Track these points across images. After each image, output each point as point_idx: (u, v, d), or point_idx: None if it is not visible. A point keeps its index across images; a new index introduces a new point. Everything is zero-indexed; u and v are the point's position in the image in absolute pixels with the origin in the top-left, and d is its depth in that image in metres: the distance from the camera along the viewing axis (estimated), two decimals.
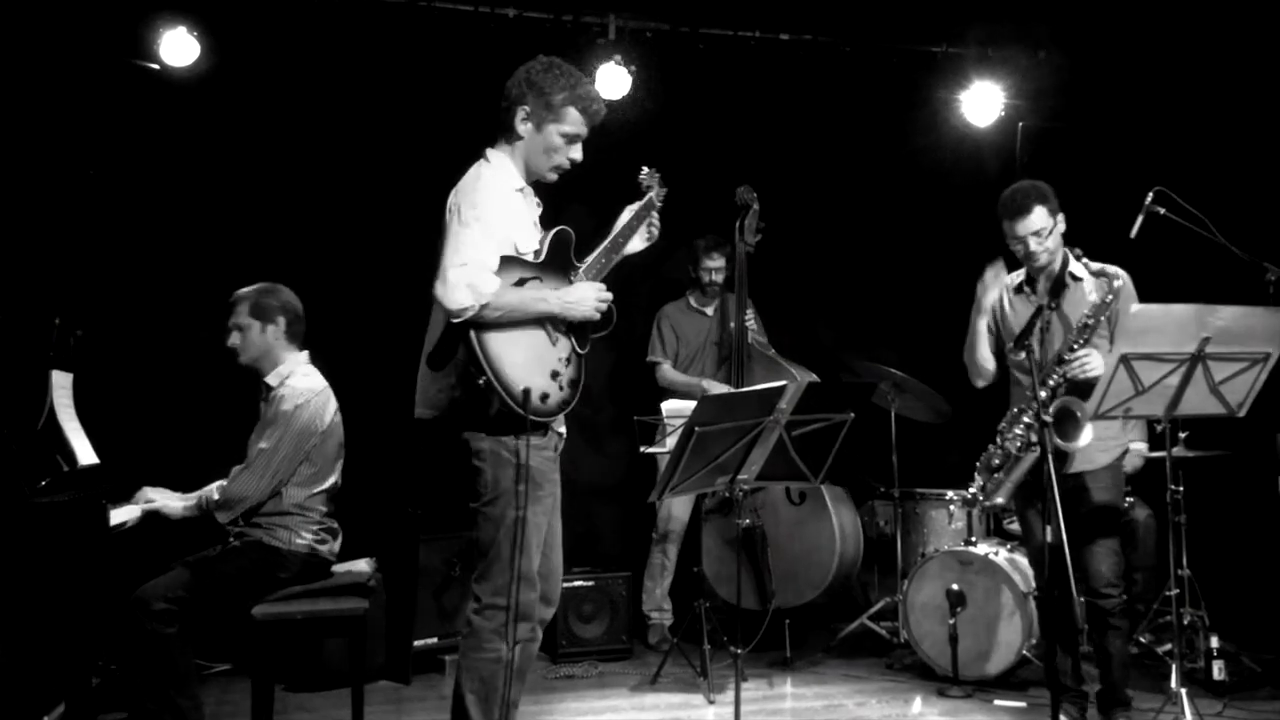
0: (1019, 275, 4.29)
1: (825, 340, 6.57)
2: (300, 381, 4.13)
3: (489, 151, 3.48)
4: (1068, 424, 3.91)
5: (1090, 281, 4.12)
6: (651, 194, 3.76)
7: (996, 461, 4.18)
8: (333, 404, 4.17)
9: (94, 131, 5.36)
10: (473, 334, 3.21)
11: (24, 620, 3.78)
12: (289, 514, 4.03)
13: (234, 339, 4.17)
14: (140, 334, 5.52)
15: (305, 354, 4.22)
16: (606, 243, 3.60)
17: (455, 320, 3.20)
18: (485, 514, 3.34)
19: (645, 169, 3.83)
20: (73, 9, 5.33)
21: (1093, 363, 3.97)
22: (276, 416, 4.05)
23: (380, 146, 5.86)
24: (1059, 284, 4.16)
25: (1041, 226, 4.09)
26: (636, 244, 3.72)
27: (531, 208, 3.52)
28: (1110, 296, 4.03)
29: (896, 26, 6.17)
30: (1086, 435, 3.89)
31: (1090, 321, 4.03)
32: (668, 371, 5.85)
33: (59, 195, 5.28)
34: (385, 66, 5.78)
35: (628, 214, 3.69)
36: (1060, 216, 4.15)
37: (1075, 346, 4.03)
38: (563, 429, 3.52)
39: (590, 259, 3.54)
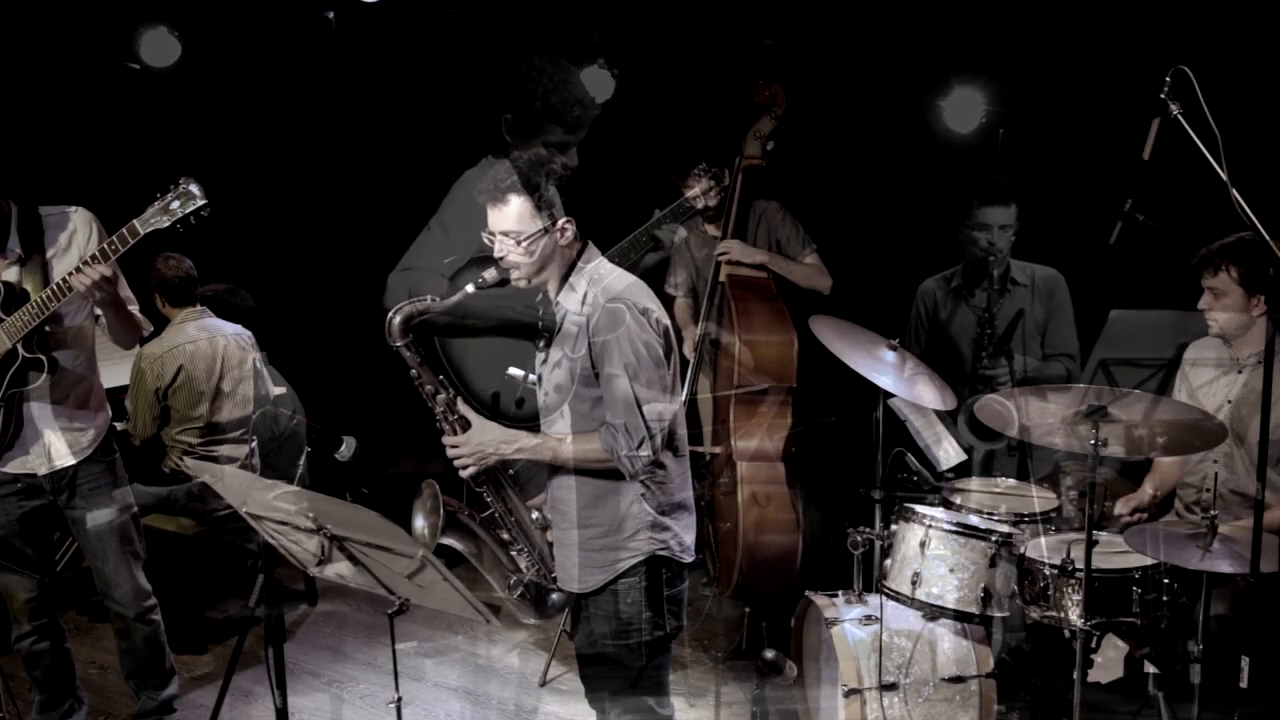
0: (952, 276, 4.31)
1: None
2: None
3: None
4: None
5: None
6: (687, 194, 3.65)
7: None
8: (287, 409, 4.18)
9: (81, 131, 5.35)
10: (436, 340, 3.22)
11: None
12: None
13: None
14: None
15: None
16: (623, 243, 3.52)
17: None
18: None
19: (703, 164, 3.65)
20: (57, 8, 5.31)
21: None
22: None
23: (362, 146, 5.85)
24: (1003, 287, 4.22)
25: (1011, 223, 4.15)
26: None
27: None
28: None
29: (881, 32, 6.19)
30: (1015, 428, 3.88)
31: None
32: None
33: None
34: (368, 67, 5.77)
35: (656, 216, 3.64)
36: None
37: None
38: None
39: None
